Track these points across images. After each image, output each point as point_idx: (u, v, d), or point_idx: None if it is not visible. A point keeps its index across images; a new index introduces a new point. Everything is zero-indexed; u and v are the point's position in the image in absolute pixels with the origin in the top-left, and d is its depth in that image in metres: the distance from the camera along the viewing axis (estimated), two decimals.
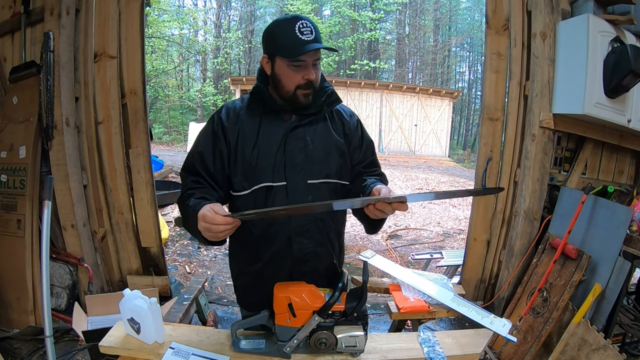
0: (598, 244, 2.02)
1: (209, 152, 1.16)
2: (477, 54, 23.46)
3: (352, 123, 1.27)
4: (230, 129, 1.16)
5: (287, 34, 1.07)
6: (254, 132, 1.16)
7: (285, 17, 1.11)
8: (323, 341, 1.03)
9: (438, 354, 1.10)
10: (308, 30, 1.07)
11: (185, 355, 1.06)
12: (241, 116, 1.18)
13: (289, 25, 1.07)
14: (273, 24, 1.13)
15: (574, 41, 2.21)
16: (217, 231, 0.96)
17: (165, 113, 19.63)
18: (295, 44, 1.06)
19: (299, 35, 1.06)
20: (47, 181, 1.72)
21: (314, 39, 1.07)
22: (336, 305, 1.01)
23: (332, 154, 1.20)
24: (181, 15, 18.89)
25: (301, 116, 1.17)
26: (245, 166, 1.15)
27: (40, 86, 2.32)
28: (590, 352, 1.73)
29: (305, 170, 1.15)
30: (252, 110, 1.18)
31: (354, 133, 1.26)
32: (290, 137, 1.15)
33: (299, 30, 1.06)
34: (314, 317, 1.00)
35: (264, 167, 1.14)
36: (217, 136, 1.16)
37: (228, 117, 1.17)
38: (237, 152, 1.15)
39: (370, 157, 1.29)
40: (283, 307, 1.01)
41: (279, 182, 1.14)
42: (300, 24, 1.06)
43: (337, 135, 1.22)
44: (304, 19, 1.08)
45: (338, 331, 1.03)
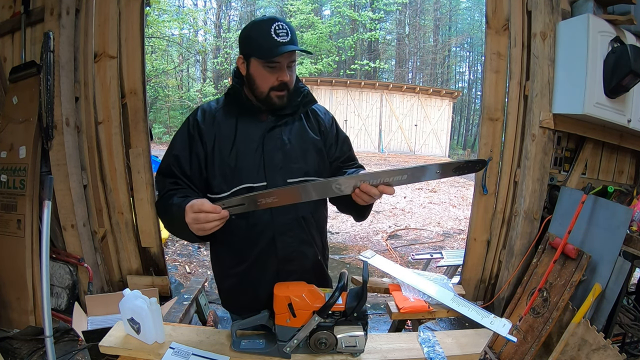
0: (598, 244, 2.02)
1: (186, 154, 1.16)
2: (477, 54, 23.47)
3: (326, 121, 1.29)
4: (206, 131, 1.16)
5: (263, 35, 1.07)
6: (231, 133, 1.16)
7: (262, 18, 1.11)
8: (323, 341, 1.03)
9: (438, 354, 1.10)
10: (284, 32, 1.07)
11: (185, 355, 1.06)
12: (217, 117, 1.18)
13: (264, 26, 1.07)
14: (249, 25, 1.13)
15: (574, 41, 2.21)
16: (205, 220, 0.96)
17: (165, 113, 19.64)
18: (270, 45, 1.06)
19: (274, 37, 1.06)
20: (47, 181, 1.72)
21: (289, 41, 1.07)
22: (336, 306, 1.01)
23: (309, 152, 1.21)
24: (181, 15, 18.91)
25: (277, 116, 1.18)
26: (224, 168, 1.15)
27: (40, 86, 2.32)
28: (590, 352, 1.73)
29: (284, 169, 1.16)
30: (228, 112, 1.19)
31: (329, 130, 1.28)
32: (268, 138, 1.16)
33: (274, 32, 1.06)
34: (314, 317, 1.00)
35: (243, 168, 1.14)
36: (193, 138, 1.16)
37: (204, 119, 1.17)
38: (214, 154, 1.15)
39: (348, 152, 1.31)
40: (283, 307, 1.01)
41: (259, 183, 1.14)
42: (276, 25, 1.06)
43: (313, 134, 1.23)
44: (280, 20, 1.09)
45: (338, 331, 1.03)
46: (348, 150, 1.32)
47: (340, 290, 1.01)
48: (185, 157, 1.15)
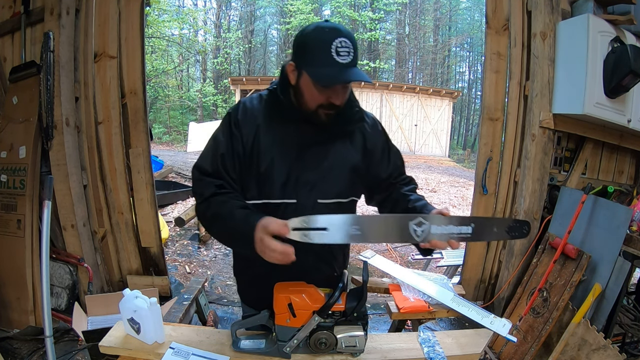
0: (598, 244, 2.02)
1: (230, 154, 1.08)
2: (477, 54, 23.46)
3: (375, 137, 1.17)
4: (246, 133, 1.08)
5: (321, 52, 0.95)
6: (269, 140, 1.08)
7: (324, 26, 0.97)
8: (323, 341, 1.03)
9: (438, 354, 1.10)
10: (345, 51, 0.94)
11: (185, 355, 1.06)
12: (259, 119, 1.09)
13: (325, 39, 0.94)
14: (308, 33, 0.99)
15: (574, 41, 2.21)
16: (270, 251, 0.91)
17: (165, 113, 19.63)
18: (328, 68, 0.94)
19: (333, 56, 0.93)
20: (47, 181, 1.72)
21: (351, 63, 0.96)
22: (336, 306, 1.01)
23: (346, 173, 1.13)
24: (181, 15, 18.90)
25: (320, 132, 1.09)
26: (259, 177, 1.09)
27: (40, 86, 2.32)
28: (590, 352, 1.73)
29: (317, 189, 1.10)
30: (270, 115, 1.10)
31: (377, 147, 1.17)
32: (306, 154, 1.09)
33: (335, 50, 0.93)
34: (314, 317, 1.00)
35: (276, 182, 1.08)
36: (234, 137, 1.09)
37: (246, 117, 1.09)
38: (252, 160, 1.08)
39: (400, 168, 1.22)
40: (283, 307, 1.01)
41: (289, 200, 1.09)
42: (339, 42, 0.93)
43: (355, 153, 1.14)
44: (344, 34, 0.95)
45: (338, 331, 1.03)
46: (401, 166, 1.23)
47: (340, 290, 1.01)
48: (229, 156, 1.08)
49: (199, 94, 20.24)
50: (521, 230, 0.98)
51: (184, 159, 11.26)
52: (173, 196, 6.29)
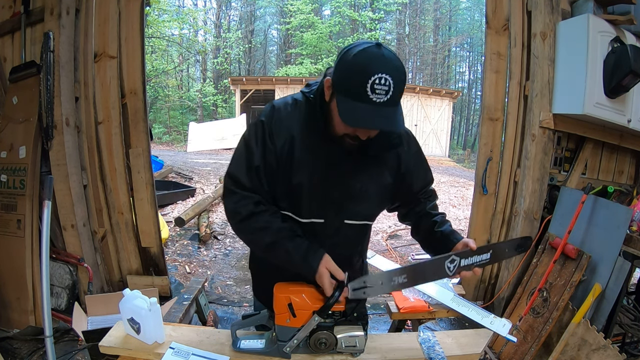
0: (598, 244, 2.02)
1: (264, 167, 1.04)
2: (477, 54, 23.47)
3: (411, 158, 1.12)
4: (281, 147, 1.03)
5: (356, 83, 0.87)
6: (303, 157, 1.03)
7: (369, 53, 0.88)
8: (323, 341, 1.03)
9: (438, 354, 1.10)
10: (383, 90, 0.86)
11: (185, 355, 1.06)
12: (294, 133, 1.03)
13: (364, 71, 0.86)
14: (351, 56, 0.90)
15: (574, 41, 2.21)
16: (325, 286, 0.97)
17: (165, 113, 19.64)
18: (358, 100, 0.87)
19: (368, 93, 0.86)
20: (47, 181, 1.72)
21: (387, 102, 0.87)
22: (336, 306, 1.00)
23: (377, 196, 1.10)
24: (181, 15, 18.90)
25: (354, 152, 1.04)
26: (290, 191, 1.06)
27: (40, 86, 2.32)
28: (590, 352, 1.73)
29: (345, 210, 1.08)
30: (305, 130, 1.03)
31: (410, 169, 1.13)
32: (338, 173, 1.05)
33: (371, 87, 0.85)
34: (314, 317, 1.00)
35: (305, 199, 1.06)
36: (269, 151, 1.03)
37: (280, 130, 1.03)
38: (285, 173, 1.05)
39: (430, 183, 1.21)
40: (283, 307, 1.01)
41: (317, 220, 1.08)
42: (378, 78, 0.85)
43: (388, 176, 1.10)
44: (387, 70, 0.85)
45: (338, 331, 1.03)
46: (429, 182, 1.21)
47: (340, 290, 1.00)
48: (264, 168, 1.04)
49: (199, 94, 20.25)
50: (525, 245, 1.09)
51: (184, 159, 11.26)
52: (173, 196, 6.29)
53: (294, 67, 19.36)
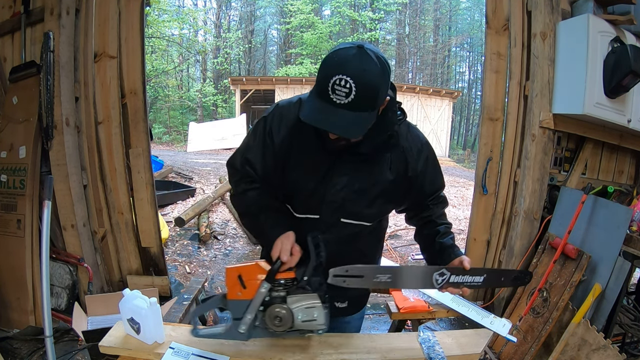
0: (598, 244, 2.02)
1: (259, 159, 1.10)
2: (477, 54, 23.46)
3: (419, 162, 1.10)
4: (279, 144, 1.07)
5: (321, 82, 0.88)
6: (302, 155, 1.06)
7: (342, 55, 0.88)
8: (279, 316, 0.99)
9: (438, 354, 1.10)
10: (342, 92, 0.85)
11: (185, 355, 1.06)
12: (294, 131, 1.06)
13: (329, 70, 0.86)
14: (331, 53, 0.91)
15: (574, 41, 2.21)
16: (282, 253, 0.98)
17: (165, 113, 19.64)
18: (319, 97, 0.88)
19: (328, 92, 0.86)
20: (47, 181, 1.72)
21: (347, 105, 0.86)
22: (286, 273, 0.98)
23: (377, 198, 1.08)
24: (181, 15, 18.91)
25: (355, 152, 1.03)
26: (287, 185, 1.10)
27: (40, 86, 2.32)
28: (590, 352, 1.73)
29: (342, 209, 1.08)
30: (306, 129, 1.02)
31: (419, 174, 1.10)
32: (337, 172, 1.05)
33: (331, 87, 0.85)
34: (263, 284, 0.97)
35: (301, 195, 1.09)
36: (267, 147, 1.08)
37: (280, 128, 1.07)
38: (283, 169, 1.08)
39: (440, 189, 1.20)
40: (233, 280, 1.00)
41: (312, 215, 1.10)
42: (338, 79, 0.84)
43: (392, 177, 1.08)
44: (353, 74, 0.84)
45: (292, 302, 0.98)
46: (440, 188, 1.20)
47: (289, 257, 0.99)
48: (258, 162, 1.10)
49: (199, 94, 20.25)
50: (523, 279, 1.07)
51: (184, 159, 11.26)
52: (173, 196, 6.29)
53: (294, 67, 19.36)
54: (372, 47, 0.91)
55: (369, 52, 0.88)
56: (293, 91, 14.57)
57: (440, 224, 1.17)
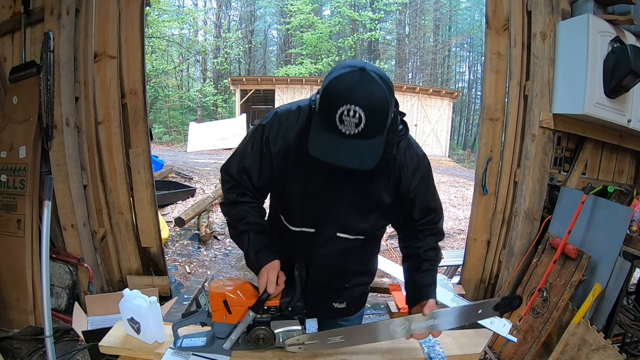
0: (598, 244, 2.02)
1: (256, 172, 1.06)
2: (477, 54, 23.46)
3: (413, 181, 1.04)
4: (276, 155, 1.03)
5: (327, 111, 0.83)
6: (298, 167, 1.02)
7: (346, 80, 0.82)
8: (261, 336, 1.04)
9: (438, 353, 1.10)
10: (352, 123, 0.81)
11: (185, 355, 1.06)
12: (291, 142, 1.01)
13: (335, 100, 0.82)
14: (332, 79, 0.85)
15: (574, 41, 2.21)
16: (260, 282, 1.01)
17: (165, 113, 19.64)
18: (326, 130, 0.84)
19: (336, 123, 0.82)
20: (47, 181, 1.72)
21: (358, 135, 0.82)
22: (271, 301, 1.01)
23: (372, 212, 1.06)
24: (181, 15, 18.90)
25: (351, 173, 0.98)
26: (282, 197, 1.08)
27: (40, 86, 2.32)
28: (590, 352, 1.73)
29: (338, 224, 1.06)
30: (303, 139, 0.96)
31: (410, 193, 1.05)
32: (333, 186, 1.02)
33: (339, 118, 0.81)
34: (249, 313, 1.01)
35: (296, 208, 1.06)
36: (264, 156, 1.04)
37: (277, 137, 1.02)
38: (278, 180, 1.06)
39: (427, 218, 1.12)
40: (218, 304, 1.01)
41: (307, 229, 1.08)
42: (347, 109, 0.80)
43: (387, 193, 1.04)
44: (361, 102, 0.80)
45: (275, 326, 1.04)
46: (433, 213, 1.13)
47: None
48: (255, 171, 1.06)
49: (199, 94, 20.24)
50: (511, 305, 1.04)
51: (184, 159, 11.26)
52: (173, 196, 6.29)
53: (294, 67, 19.36)
54: (373, 66, 0.87)
55: (371, 73, 0.83)
56: (293, 91, 14.58)
57: (425, 260, 1.12)
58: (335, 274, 1.17)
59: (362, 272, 1.25)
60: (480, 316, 1.04)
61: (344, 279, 1.20)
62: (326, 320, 1.18)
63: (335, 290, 1.21)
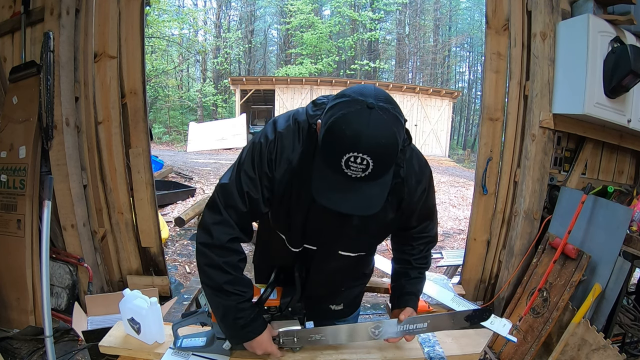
0: (598, 244, 2.02)
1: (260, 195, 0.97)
2: (477, 54, 23.47)
3: (414, 197, 1.02)
4: (279, 179, 0.96)
5: (331, 154, 0.79)
6: (302, 191, 0.96)
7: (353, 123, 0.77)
8: None
9: (438, 353, 1.10)
10: (359, 169, 0.77)
11: (185, 355, 1.06)
12: (294, 164, 0.95)
13: (339, 146, 0.77)
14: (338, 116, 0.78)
15: (574, 41, 2.21)
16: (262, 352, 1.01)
17: (165, 113, 19.64)
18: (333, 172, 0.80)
19: (342, 167, 0.78)
20: (47, 181, 1.72)
21: (366, 178, 0.79)
22: (271, 301, 1.02)
23: (377, 232, 1.07)
24: (181, 15, 18.91)
25: None
26: (284, 221, 1.04)
27: (40, 86, 2.32)
28: (590, 352, 1.73)
29: (340, 243, 1.06)
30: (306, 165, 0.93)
31: (412, 207, 1.04)
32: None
33: (345, 163, 0.77)
34: None
35: (299, 230, 1.03)
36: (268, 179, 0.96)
37: (281, 160, 0.95)
38: (281, 203, 1.00)
39: (423, 224, 1.12)
40: None
41: (310, 246, 1.06)
42: (353, 157, 0.76)
43: (389, 211, 1.02)
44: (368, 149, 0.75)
45: (275, 326, 1.04)
46: (427, 227, 1.13)
47: (273, 285, 1.03)
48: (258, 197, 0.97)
49: (199, 94, 20.26)
50: (481, 317, 1.08)
51: (184, 159, 11.26)
52: (173, 196, 6.29)
53: (294, 67, 19.37)
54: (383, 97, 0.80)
55: (380, 112, 0.77)
56: (293, 91, 14.59)
57: (415, 268, 1.14)
58: (333, 283, 1.19)
59: (359, 276, 1.28)
60: (453, 325, 1.07)
61: (341, 285, 1.23)
62: (323, 322, 1.18)
63: (332, 294, 1.23)
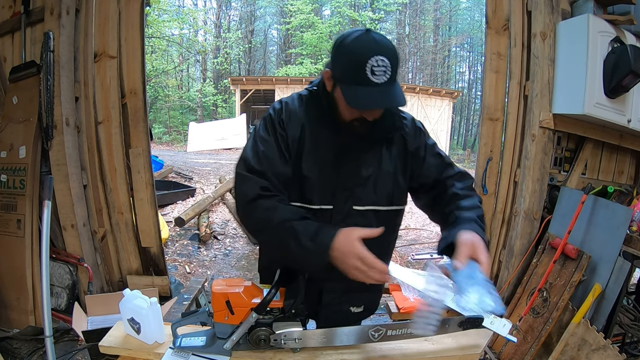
0: (598, 244, 2.02)
1: (276, 154, 1.04)
2: (477, 54, 23.46)
3: (415, 136, 1.12)
4: (292, 136, 1.05)
5: (356, 69, 0.90)
6: (313, 147, 1.06)
7: (362, 40, 0.92)
8: (262, 337, 1.03)
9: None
10: (381, 71, 0.90)
11: (185, 355, 1.06)
12: (303, 122, 1.07)
13: (361, 57, 0.90)
14: (346, 44, 0.94)
15: (574, 41, 2.21)
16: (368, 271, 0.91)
17: (165, 113, 19.64)
18: (360, 85, 0.91)
19: (368, 76, 0.89)
20: (47, 181, 1.72)
21: (388, 81, 0.91)
22: (274, 302, 1.00)
23: (384, 181, 1.10)
24: (181, 15, 18.91)
25: (361, 138, 1.06)
26: (301, 180, 1.07)
27: (40, 86, 2.32)
28: (590, 352, 1.73)
29: (353, 196, 1.08)
30: (312, 121, 1.07)
31: (419, 147, 1.12)
32: (345, 160, 1.07)
33: (370, 70, 0.89)
34: (252, 314, 1.00)
35: (316, 187, 1.07)
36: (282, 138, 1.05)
37: (290, 119, 1.06)
38: (296, 162, 1.06)
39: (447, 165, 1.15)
40: (221, 305, 1.00)
41: (326, 206, 1.08)
42: (375, 61, 0.89)
43: (396, 158, 1.10)
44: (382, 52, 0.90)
45: (277, 327, 1.02)
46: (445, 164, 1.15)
47: (277, 287, 1.00)
48: (276, 156, 1.04)
49: (199, 94, 20.25)
50: (474, 324, 1.08)
51: (184, 159, 11.26)
52: (173, 196, 6.29)
53: (294, 67, 19.37)
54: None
55: (376, 32, 0.95)
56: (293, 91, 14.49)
57: (464, 197, 1.08)
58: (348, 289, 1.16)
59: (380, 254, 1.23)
60: (446, 330, 1.08)
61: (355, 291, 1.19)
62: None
63: (353, 291, 1.18)
